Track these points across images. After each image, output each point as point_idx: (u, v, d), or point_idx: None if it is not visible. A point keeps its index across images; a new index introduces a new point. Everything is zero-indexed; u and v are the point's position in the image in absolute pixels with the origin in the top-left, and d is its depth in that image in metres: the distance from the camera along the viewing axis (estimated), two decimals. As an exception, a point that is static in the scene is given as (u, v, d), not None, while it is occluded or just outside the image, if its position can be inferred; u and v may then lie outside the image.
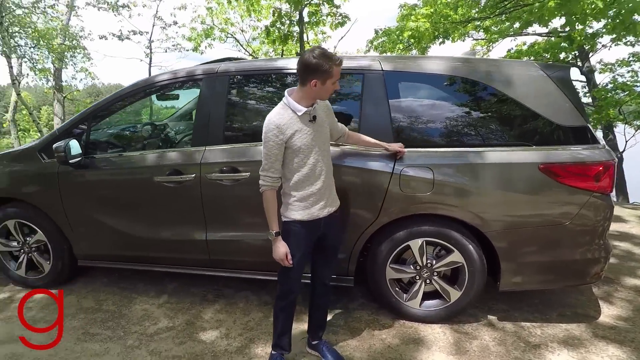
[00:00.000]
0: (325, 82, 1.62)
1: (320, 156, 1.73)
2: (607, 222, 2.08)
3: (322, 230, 1.81)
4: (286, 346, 1.92)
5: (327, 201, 1.79)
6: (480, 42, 11.21)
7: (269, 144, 1.65)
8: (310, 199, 1.74)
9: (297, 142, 1.66)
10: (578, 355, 1.99)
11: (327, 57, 1.60)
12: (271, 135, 1.64)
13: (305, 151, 1.68)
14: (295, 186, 1.73)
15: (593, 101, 9.34)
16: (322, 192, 1.75)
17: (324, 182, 1.75)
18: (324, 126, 1.78)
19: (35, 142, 2.79)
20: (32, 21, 10.79)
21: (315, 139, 1.70)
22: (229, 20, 12.78)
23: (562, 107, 2.10)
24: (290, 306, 1.88)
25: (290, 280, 1.81)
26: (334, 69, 1.61)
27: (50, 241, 2.68)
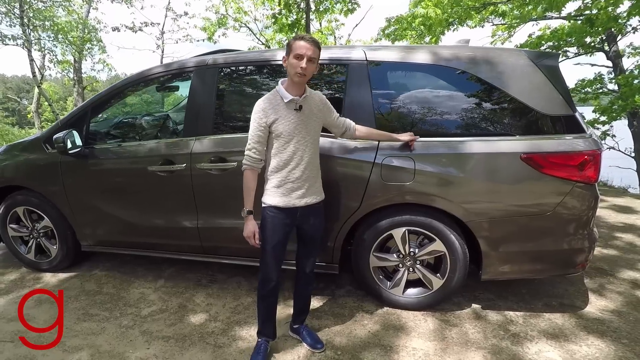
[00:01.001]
0: (289, 56, 1.70)
1: (303, 146, 1.77)
2: (591, 211, 2.05)
3: (299, 220, 1.85)
4: (270, 334, 1.97)
5: (306, 192, 1.82)
6: (500, 27, 10.83)
7: (253, 124, 1.76)
8: (286, 185, 1.78)
9: (279, 127, 1.73)
10: (556, 344, 2.00)
11: (297, 34, 1.75)
12: (256, 117, 1.75)
13: (285, 137, 1.74)
14: (273, 171, 1.79)
15: (619, 88, 8.94)
16: (300, 181, 1.79)
17: (302, 172, 1.79)
18: (313, 119, 1.82)
19: (41, 133, 2.94)
20: (52, 15, 11.12)
21: (298, 127, 1.75)
22: (242, 9, 12.83)
23: (548, 96, 2.07)
24: (271, 295, 1.91)
25: (267, 267, 1.85)
26: (293, 42, 1.69)
27: (55, 227, 2.85)
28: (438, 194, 2.10)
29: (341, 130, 2.00)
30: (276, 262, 1.86)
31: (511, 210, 2.06)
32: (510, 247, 2.12)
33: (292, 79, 1.73)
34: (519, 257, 2.14)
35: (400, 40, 9.91)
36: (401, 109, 2.24)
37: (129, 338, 2.14)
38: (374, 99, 2.20)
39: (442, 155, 2.08)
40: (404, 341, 2.06)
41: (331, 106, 1.94)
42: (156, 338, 2.14)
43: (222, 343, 2.08)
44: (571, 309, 2.31)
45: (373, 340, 2.07)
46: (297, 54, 1.67)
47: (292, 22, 7.87)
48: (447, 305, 2.36)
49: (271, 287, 1.89)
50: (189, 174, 2.42)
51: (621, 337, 2.04)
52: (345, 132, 2.02)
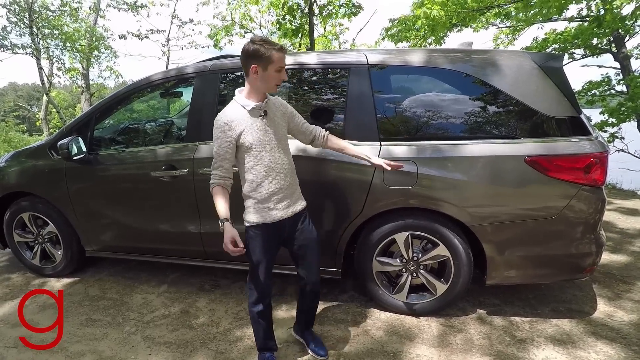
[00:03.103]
0: (266, 68, 1.56)
1: (278, 153, 1.67)
2: (598, 215, 2.01)
3: (288, 232, 1.76)
4: (273, 346, 1.92)
5: (290, 201, 1.73)
6: (503, 30, 10.78)
7: (217, 141, 1.62)
8: (271, 199, 1.67)
9: (247, 139, 1.60)
10: (563, 350, 1.95)
11: (266, 42, 1.56)
12: (219, 133, 1.61)
13: (257, 148, 1.62)
14: (254, 186, 1.66)
15: (627, 89, 8.81)
16: (283, 191, 1.69)
17: (284, 181, 1.69)
18: (279, 124, 1.71)
19: (46, 140, 2.97)
20: (61, 24, 11.31)
21: (267, 135, 1.64)
22: (248, 15, 12.94)
23: (553, 98, 2.04)
24: (267, 309, 1.84)
25: (262, 286, 1.77)
26: (273, 54, 1.54)
27: (60, 233, 2.87)
28: (441, 198, 2.07)
29: (308, 137, 1.85)
30: (269, 280, 1.79)
31: (516, 214, 2.03)
32: (515, 252, 2.08)
33: (267, 90, 1.64)
34: (525, 262, 2.10)
35: (403, 41, 9.90)
36: (404, 112, 2.23)
37: (131, 344, 2.14)
38: (376, 103, 2.19)
39: (445, 159, 2.06)
40: (407, 347, 2.03)
41: (294, 110, 1.82)
42: (158, 344, 2.13)
43: (223, 349, 2.06)
44: (579, 315, 2.26)
45: (376, 347, 2.04)
46: (280, 66, 1.58)
47: (296, 27, 7.91)
48: (452, 310, 2.33)
49: (266, 303, 1.82)
50: (191, 179, 2.42)
51: (631, 344, 1.99)
52: (313, 140, 1.86)
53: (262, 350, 1.90)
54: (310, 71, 2.40)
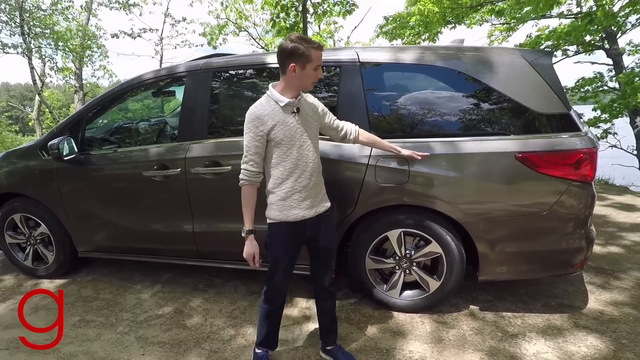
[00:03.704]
0: (304, 67, 1.57)
1: (306, 151, 1.66)
2: (588, 210, 2.03)
3: (310, 232, 1.74)
4: (272, 345, 1.90)
5: (313, 201, 1.71)
6: (498, 27, 10.81)
7: (249, 135, 1.62)
8: (294, 196, 1.66)
9: (278, 134, 1.60)
10: (554, 345, 1.97)
11: (305, 40, 1.56)
12: (251, 127, 1.60)
13: (287, 144, 1.62)
14: (278, 183, 1.66)
15: (620, 86, 8.88)
16: (307, 190, 1.68)
17: (309, 180, 1.68)
18: (310, 122, 1.71)
19: (37, 140, 2.94)
20: (52, 23, 11.20)
21: (298, 132, 1.64)
22: (243, 14, 12.89)
23: (543, 95, 2.05)
24: (278, 310, 1.83)
25: (278, 285, 1.76)
26: (311, 52, 1.55)
27: (52, 233, 2.85)
28: (433, 195, 2.08)
29: (339, 133, 1.88)
30: (287, 279, 1.78)
31: (507, 211, 2.04)
32: (507, 248, 2.09)
33: (303, 87, 1.65)
34: (516, 258, 2.12)
35: (397, 38, 9.91)
36: (395, 109, 2.23)
37: (125, 344, 2.13)
38: (367, 100, 2.19)
39: (437, 156, 2.06)
40: (400, 344, 2.04)
41: (325, 108, 1.84)
42: (151, 344, 2.13)
43: (217, 348, 2.06)
44: (570, 310, 2.28)
45: (369, 344, 2.05)
46: (318, 65, 1.59)
47: (291, 25, 7.88)
48: (445, 307, 2.34)
49: (280, 303, 1.82)
50: (184, 179, 2.41)
51: (621, 338, 2.01)
52: (345, 137, 1.89)
53: (260, 346, 1.88)
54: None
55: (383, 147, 2.00)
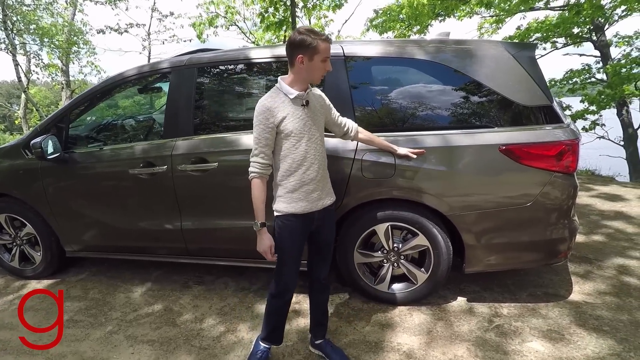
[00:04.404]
0: (312, 58, 1.57)
1: (313, 144, 1.67)
2: (571, 200, 2.06)
3: (316, 224, 1.74)
4: (277, 340, 1.88)
5: (321, 193, 1.72)
6: (487, 19, 10.84)
7: (259, 127, 1.61)
8: (302, 189, 1.67)
9: (288, 126, 1.61)
10: (539, 334, 2.01)
11: (312, 32, 1.57)
12: (261, 119, 1.60)
13: (296, 136, 1.62)
14: (286, 175, 1.66)
15: (607, 77, 8.96)
16: (315, 183, 1.69)
17: (317, 173, 1.69)
18: (318, 115, 1.72)
19: (20, 139, 2.90)
20: (37, 18, 10.96)
21: (307, 124, 1.65)
22: (232, 8, 12.73)
23: (526, 87, 2.06)
24: (286, 305, 1.82)
25: (285, 277, 1.75)
26: (319, 44, 1.55)
27: (38, 234, 2.82)
28: (419, 188, 2.09)
29: (342, 130, 1.90)
30: (296, 273, 1.77)
31: (493, 203, 2.06)
32: (492, 239, 2.12)
33: (311, 80, 1.65)
34: (502, 249, 2.15)
35: (388, 31, 9.89)
36: (380, 103, 2.23)
37: (114, 343, 2.13)
38: (352, 94, 2.19)
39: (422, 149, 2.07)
40: (389, 337, 2.06)
41: (331, 104, 1.85)
42: (141, 342, 2.13)
43: (207, 345, 2.07)
44: (555, 298, 2.32)
45: (358, 337, 2.07)
46: (326, 57, 1.59)
47: (280, 20, 7.82)
48: (433, 299, 2.37)
49: (288, 298, 1.80)
50: (170, 176, 2.40)
51: (603, 325, 2.05)
52: (346, 133, 1.92)
53: (265, 341, 1.87)
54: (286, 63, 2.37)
55: (380, 146, 2.02)
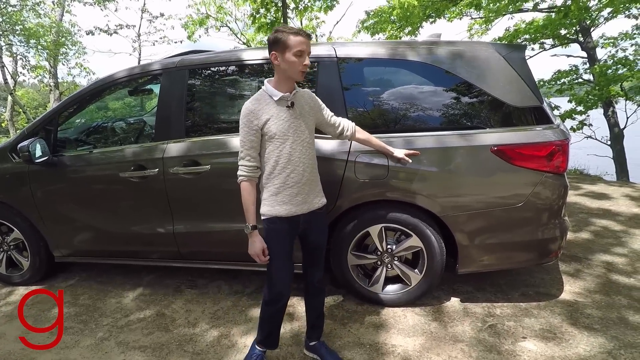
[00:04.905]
0: (284, 53, 1.54)
1: (299, 146, 1.64)
2: (561, 200, 2.09)
3: (302, 227, 1.72)
4: (273, 344, 1.86)
5: (307, 197, 1.69)
6: (477, 20, 10.95)
7: (244, 129, 1.61)
8: (286, 191, 1.64)
9: (271, 128, 1.59)
10: (532, 332, 2.02)
11: (286, 27, 1.57)
12: (245, 121, 1.60)
13: (280, 138, 1.60)
14: (270, 177, 1.65)
15: (594, 78, 9.12)
16: (300, 186, 1.66)
17: (302, 176, 1.66)
18: (306, 117, 1.69)
19: (6, 142, 2.84)
20: (23, 19, 10.77)
21: (292, 126, 1.62)
22: (223, 9, 12.69)
23: (516, 88, 2.09)
24: (281, 312, 1.79)
25: (280, 283, 1.71)
26: (289, 37, 1.53)
27: (26, 239, 2.76)
28: (412, 190, 2.10)
29: (337, 130, 1.87)
30: (288, 275, 1.74)
31: (485, 203, 2.07)
32: (485, 240, 2.13)
33: (291, 77, 1.61)
34: (494, 249, 2.16)
35: (379, 33, 9.93)
36: (373, 105, 2.24)
37: (104, 350, 2.09)
38: (345, 96, 2.19)
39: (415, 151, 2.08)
40: (383, 338, 2.06)
41: (322, 104, 1.82)
42: (132, 348, 2.09)
43: (200, 350, 2.05)
44: (547, 298, 2.34)
45: (353, 339, 2.07)
46: (299, 50, 1.53)
47: (271, 21, 7.80)
48: (427, 300, 2.38)
49: (282, 304, 1.77)
50: (162, 179, 2.37)
51: (593, 323, 2.08)
52: (342, 133, 1.88)
53: (260, 344, 1.85)
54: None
55: (377, 147, 2.01)
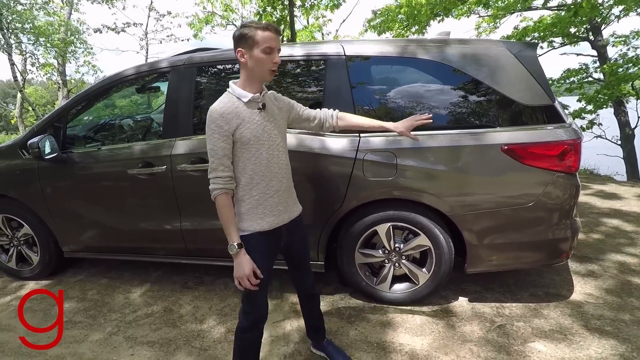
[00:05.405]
0: (252, 50, 1.40)
1: (276, 152, 1.51)
2: (573, 201, 2.06)
3: (285, 240, 1.60)
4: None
5: (286, 205, 1.58)
6: (485, 19, 10.85)
7: (213, 136, 1.41)
8: (267, 202, 1.50)
9: (245, 133, 1.43)
10: (541, 333, 2.00)
11: (252, 23, 1.43)
12: (214, 127, 1.41)
13: (255, 144, 1.45)
14: (248, 188, 1.48)
15: (604, 76, 8.98)
16: (280, 194, 1.53)
17: (281, 183, 1.54)
18: (278, 120, 1.56)
19: (17, 139, 2.87)
20: (32, 17, 10.87)
21: (266, 130, 1.48)
22: (229, 7, 12.72)
23: (528, 87, 2.06)
24: (260, 337, 1.61)
25: (259, 305, 1.56)
26: (257, 33, 1.39)
27: (36, 234, 2.79)
28: (421, 189, 2.08)
29: (313, 123, 1.73)
30: (266, 296, 1.59)
31: (494, 203, 2.05)
32: (494, 240, 2.11)
33: (259, 77, 1.47)
34: (503, 249, 2.14)
35: (386, 32, 9.88)
36: (382, 103, 2.22)
37: (113, 345, 2.11)
38: (353, 94, 2.18)
39: (424, 149, 2.06)
40: (391, 337, 2.05)
41: (292, 101, 1.69)
42: (140, 343, 2.11)
43: (207, 346, 2.05)
44: (557, 298, 2.32)
45: (360, 337, 2.06)
46: (268, 47, 1.40)
47: (278, 19, 7.80)
48: (435, 299, 2.36)
49: (262, 327, 1.60)
50: (169, 176, 2.38)
51: (605, 325, 2.05)
52: (322, 125, 1.75)
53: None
54: (288, 63, 2.36)
55: (370, 127, 1.81)
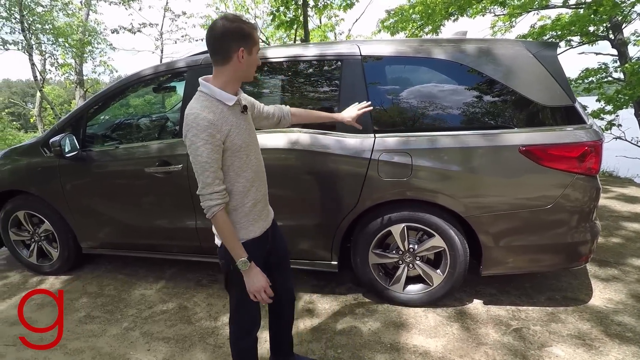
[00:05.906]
0: (251, 51, 1.29)
1: (259, 155, 1.46)
2: (593, 203, 2.01)
3: (270, 241, 1.53)
4: None
5: (268, 206, 1.53)
6: (501, 17, 10.68)
7: (206, 147, 1.23)
8: (256, 207, 1.42)
9: (235, 140, 1.30)
10: (559, 338, 1.97)
11: (244, 19, 1.29)
12: (206, 137, 1.22)
13: (245, 150, 1.34)
14: (242, 197, 1.37)
15: (625, 76, 8.75)
16: (264, 198, 1.49)
17: (265, 186, 1.49)
18: (251, 120, 1.47)
19: (39, 137, 2.94)
20: (52, 18, 11.15)
21: (251, 134, 1.40)
22: (243, 6, 12.84)
23: (547, 87, 2.02)
24: (256, 342, 1.56)
25: (253, 313, 1.50)
26: (254, 33, 1.29)
27: (56, 230, 2.86)
28: (436, 189, 2.07)
29: (273, 121, 1.64)
30: (259, 305, 1.48)
31: (511, 204, 2.02)
32: (510, 242, 2.08)
33: (245, 79, 1.36)
34: (520, 252, 2.11)
35: (400, 32, 9.81)
36: (397, 103, 2.21)
37: (130, 340, 2.15)
38: (369, 94, 2.17)
39: (440, 150, 2.05)
40: (404, 338, 2.04)
41: (252, 99, 1.58)
42: (156, 339, 2.14)
43: (222, 343, 2.08)
44: (575, 303, 2.27)
45: (374, 338, 2.06)
46: (258, 47, 1.34)
47: (291, 19, 7.81)
48: (449, 301, 2.34)
49: (256, 332, 1.54)
50: (185, 175, 2.41)
51: (625, 331, 2.00)
52: (280, 122, 1.66)
53: None
54: (303, 63, 2.37)
55: (319, 119, 1.81)
